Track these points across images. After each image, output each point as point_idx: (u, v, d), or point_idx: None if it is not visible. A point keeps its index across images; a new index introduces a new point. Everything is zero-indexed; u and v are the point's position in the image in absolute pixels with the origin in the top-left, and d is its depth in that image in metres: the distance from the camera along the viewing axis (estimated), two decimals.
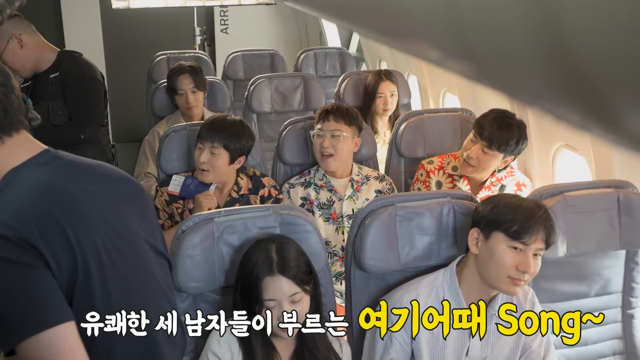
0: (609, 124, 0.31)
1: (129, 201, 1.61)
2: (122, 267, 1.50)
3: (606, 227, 2.16)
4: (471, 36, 0.37)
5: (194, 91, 3.60)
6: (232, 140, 2.54)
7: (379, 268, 2.08)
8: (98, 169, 1.60)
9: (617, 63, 0.28)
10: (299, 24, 7.24)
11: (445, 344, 1.94)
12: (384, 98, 3.80)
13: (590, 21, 0.28)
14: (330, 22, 5.91)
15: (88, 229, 1.44)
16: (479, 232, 1.92)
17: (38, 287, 1.33)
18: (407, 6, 0.45)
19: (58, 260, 1.35)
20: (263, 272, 1.79)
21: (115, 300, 1.48)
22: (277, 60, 5.14)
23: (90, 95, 3.14)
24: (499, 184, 2.78)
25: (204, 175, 2.57)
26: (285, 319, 1.76)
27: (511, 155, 2.67)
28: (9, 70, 1.43)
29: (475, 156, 2.67)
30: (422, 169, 2.95)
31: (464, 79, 0.55)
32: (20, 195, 1.38)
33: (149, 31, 6.80)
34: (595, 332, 2.26)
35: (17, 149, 1.41)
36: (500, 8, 0.33)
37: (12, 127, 1.40)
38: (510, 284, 1.85)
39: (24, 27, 3.02)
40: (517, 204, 1.88)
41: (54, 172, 1.45)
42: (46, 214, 1.38)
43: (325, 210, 2.86)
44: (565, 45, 0.30)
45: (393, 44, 0.61)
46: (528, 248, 1.83)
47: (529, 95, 0.38)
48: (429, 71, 4.23)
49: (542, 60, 0.32)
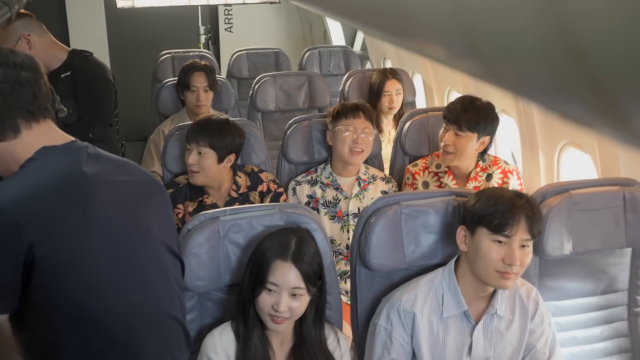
0: (616, 122, 0.31)
1: (148, 198, 1.65)
2: (130, 259, 1.53)
3: (612, 225, 2.15)
4: (478, 35, 0.37)
5: (206, 90, 3.67)
6: (217, 139, 2.56)
7: (384, 266, 2.08)
8: (124, 163, 1.65)
9: (625, 61, 0.28)
10: (303, 22, 7.23)
11: (446, 342, 1.93)
12: (389, 96, 3.80)
13: (599, 19, 0.28)
14: (335, 21, 5.92)
15: (96, 217, 1.47)
16: (465, 229, 1.92)
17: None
18: (413, 5, 0.45)
19: (52, 245, 1.38)
20: (276, 254, 1.81)
21: (122, 290, 1.51)
22: (281, 59, 5.14)
23: (100, 95, 3.16)
24: (484, 173, 2.79)
25: (195, 176, 2.59)
26: (281, 308, 1.78)
27: (485, 135, 2.69)
28: (37, 61, 1.48)
29: (450, 142, 2.70)
30: (408, 172, 2.97)
31: (470, 77, 0.55)
32: (30, 181, 1.42)
33: (154, 30, 6.81)
34: (601, 330, 2.25)
35: (42, 137, 1.46)
36: (508, 6, 0.33)
37: (40, 113, 1.45)
38: (499, 278, 1.84)
39: (33, 27, 3.03)
40: (497, 197, 1.86)
41: (76, 159, 1.49)
42: (55, 198, 1.42)
43: (330, 208, 2.86)
44: (574, 43, 0.30)
45: (399, 42, 0.61)
46: (512, 240, 1.82)
47: (536, 93, 0.38)
48: (433, 69, 4.22)
49: (550, 58, 0.32)
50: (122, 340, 1.52)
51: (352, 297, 2.19)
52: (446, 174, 2.84)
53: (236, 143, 2.63)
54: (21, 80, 1.41)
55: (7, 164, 1.46)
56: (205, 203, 2.62)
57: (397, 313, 1.94)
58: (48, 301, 1.42)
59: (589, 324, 2.25)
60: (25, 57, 1.45)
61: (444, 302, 1.94)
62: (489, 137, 2.72)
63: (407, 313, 1.93)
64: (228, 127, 2.61)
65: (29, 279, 1.39)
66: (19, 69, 1.41)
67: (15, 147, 1.44)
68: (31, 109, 1.43)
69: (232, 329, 1.88)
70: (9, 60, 1.41)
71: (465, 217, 1.93)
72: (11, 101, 1.40)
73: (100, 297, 1.47)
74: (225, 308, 2.01)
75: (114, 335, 1.50)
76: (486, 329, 1.95)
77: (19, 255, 1.36)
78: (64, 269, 1.41)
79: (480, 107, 2.68)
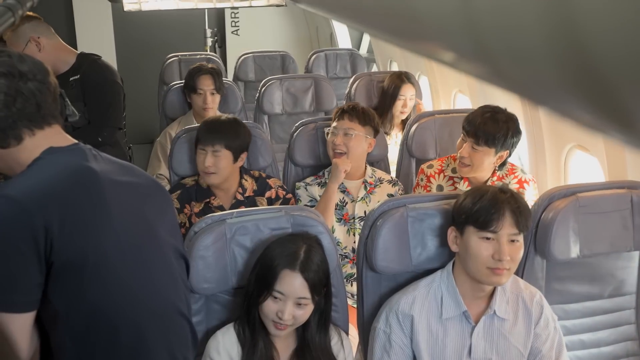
0: (625, 124, 0.31)
1: (152, 199, 1.66)
2: (140, 256, 1.54)
3: (619, 228, 2.14)
4: (485, 36, 0.37)
5: (212, 93, 3.67)
6: (233, 139, 2.57)
7: (391, 269, 2.08)
8: (126, 165, 1.66)
9: (634, 62, 0.28)
10: (310, 25, 7.24)
11: (445, 344, 1.93)
12: (404, 100, 3.82)
13: (606, 20, 0.28)
14: (342, 23, 5.92)
15: (108, 213, 1.48)
16: (455, 229, 1.92)
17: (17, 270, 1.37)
18: (420, 7, 0.45)
19: (63, 241, 1.38)
20: (285, 264, 1.81)
21: (132, 286, 1.52)
22: (287, 62, 5.15)
23: (110, 99, 3.17)
24: (500, 183, 2.71)
25: (212, 177, 2.58)
26: (285, 317, 1.79)
27: (504, 150, 2.57)
28: (48, 68, 1.49)
29: (467, 155, 2.61)
30: (422, 173, 2.89)
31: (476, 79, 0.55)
32: (41, 175, 1.43)
33: (161, 33, 6.83)
34: (608, 333, 2.24)
35: (46, 140, 1.47)
36: (515, 8, 0.33)
37: (44, 122, 1.46)
38: (491, 274, 1.84)
39: (42, 30, 3.04)
40: (481, 194, 1.87)
41: (83, 158, 1.50)
42: (69, 192, 1.43)
43: (337, 211, 2.86)
44: (582, 45, 0.30)
45: (405, 45, 0.61)
46: (499, 235, 1.82)
47: (543, 95, 0.38)
48: (439, 72, 4.22)
49: (557, 60, 0.32)
50: (132, 338, 1.53)
51: (358, 300, 2.19)
52: (462, 180, 2.78)
53: (247, 141, 2.65)
54: (25, 91, 1.41)
55: (12, 167, 1.48)
56: (212, 205, 2.62)
57: (396, 316, 1.94)
58: (59, 298, 1.42)
59: (596, 327, 2.24)
60: (32, 65, 1.45)
61: (443, 303, 1.94)
62: (507, 151, 2.60)
63: (406, 316, 1.93)
64: (239, 126, 2.63)
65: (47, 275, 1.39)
66: (25, 79, 1.42)
67: (19, 153, 1.46)
68: (35, 119, 1.44)
69: (235, 331, 1.88)
70: (14, 69, 1.41)
71: (454, 217, 1.94)
72: (14, 113, 1.41)
73: (110, 294, 1.48)
74: (231, 310, 2.01)
75: (124, 333, 1.51)
76: (486, 330, 1.95)
77: (37, 243, 1.35)
78: (77, 264, 1.41)
79: (501, 121, 2.53)
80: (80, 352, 1.47)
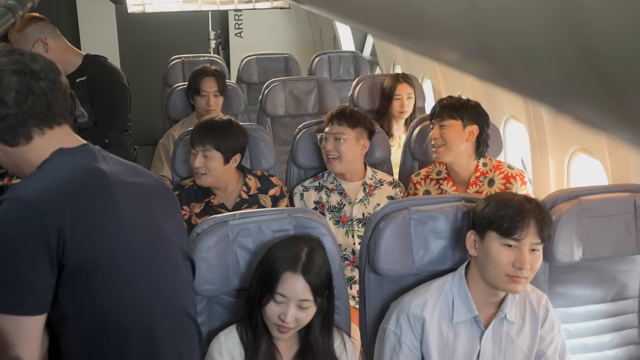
0: (631, 124, 0.31)
1: (160, 201, 1.66)
2: (150, 258, 1.54)
3: (622, 231, 2.14)
4: (491, 36, 0.37)
5: (216, 94, 3.68)
6: (222, 140, 2.57)
7: (393, 272, 2.07)
8: (134, 167, 1.67)
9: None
10: (313, 27, 7.25)
11: (455, 347, 1.93)
12: (400, 100, 3.81)
13: (614, 20, 0.28)
14: (346, 25, 5.92)
15: (118, 215, 1.48)
16: (474, 234, 1.92)
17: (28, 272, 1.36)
18: (425, 7, 0.45)
19: (75, 243, 1.38)
20: (287, 266, 1.81)
21: (142, 288, 1.52)
22: (291, 64, 5.16)
23: (117, 101, 3.18)
24: (485, 178, 2.72)
25: (202, 178, 2.59)
26: (287, 319, 1.79)
27: (472, 123, 2.67)
28: (59, 67, 1.50)
29: (437, 135, 2.71)
30: (411, 182, 2.95)
31: (480, 81, 0.55)
32: (52, 176, 1.43)
33: (164, 35, 6.84)
34: (611, 337, 2.24)
35: (55, 140, 1.47)
36: (522, 8, 0.33)
37: (54, 121, 1.46)
38: (509, 282, 1.84)
39: (49, 31, 3.05)
40: (506, 201, 1.86)
41: (93, 159, 1.51)
42: (80, 193, 1.43)
43: (335, 213, 2.86)
44: (588, 43, 0.30)
45: (410, 46, 0.61)
46: (522, 244, 1.82)
47: (549, 95, 0.38)
48: (443, 75, 4.21)
49: (563, 59, 0.32)
50: (142, 340, 1.53)
51: (360, 302, 2.18)
52: (445, 180, 2.80)
53: (241, 143, 2.63)
54: (36, 90, 1.41)
55: (20, 167, 1.48)
56: (213, 204, 2.63)
57: (407, 318, 1.93)
58: (70, 300, 1.42)
59: (599, 331, 2.24)
60: (45, 64, 1.45)
61: (454, 307, 1.93)
62: (476, 126, 2.68)
63: (417, 318, 1.93)
64: (232, 127, 2.62)
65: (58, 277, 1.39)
66: (36, 78, 1.41)
67: (28, 152, 1.45)
68: (45, 118, 1.44)
69: (238, 332, 1.88)
70: (27, 68, 1.41)
71: (475, 221, 1.93)
72: (25, 111, 1.41)
73: (120, 297, 1.48)
74: (233, 312, 2.01)
75: (134, 335, 1.51)
76: (495, 334, 1.94)
77: (50, 245, 1.35)
78: (88, 267, 1.41)
79: (457, 99, 2.75)
80: (91, 354, 1.46)
